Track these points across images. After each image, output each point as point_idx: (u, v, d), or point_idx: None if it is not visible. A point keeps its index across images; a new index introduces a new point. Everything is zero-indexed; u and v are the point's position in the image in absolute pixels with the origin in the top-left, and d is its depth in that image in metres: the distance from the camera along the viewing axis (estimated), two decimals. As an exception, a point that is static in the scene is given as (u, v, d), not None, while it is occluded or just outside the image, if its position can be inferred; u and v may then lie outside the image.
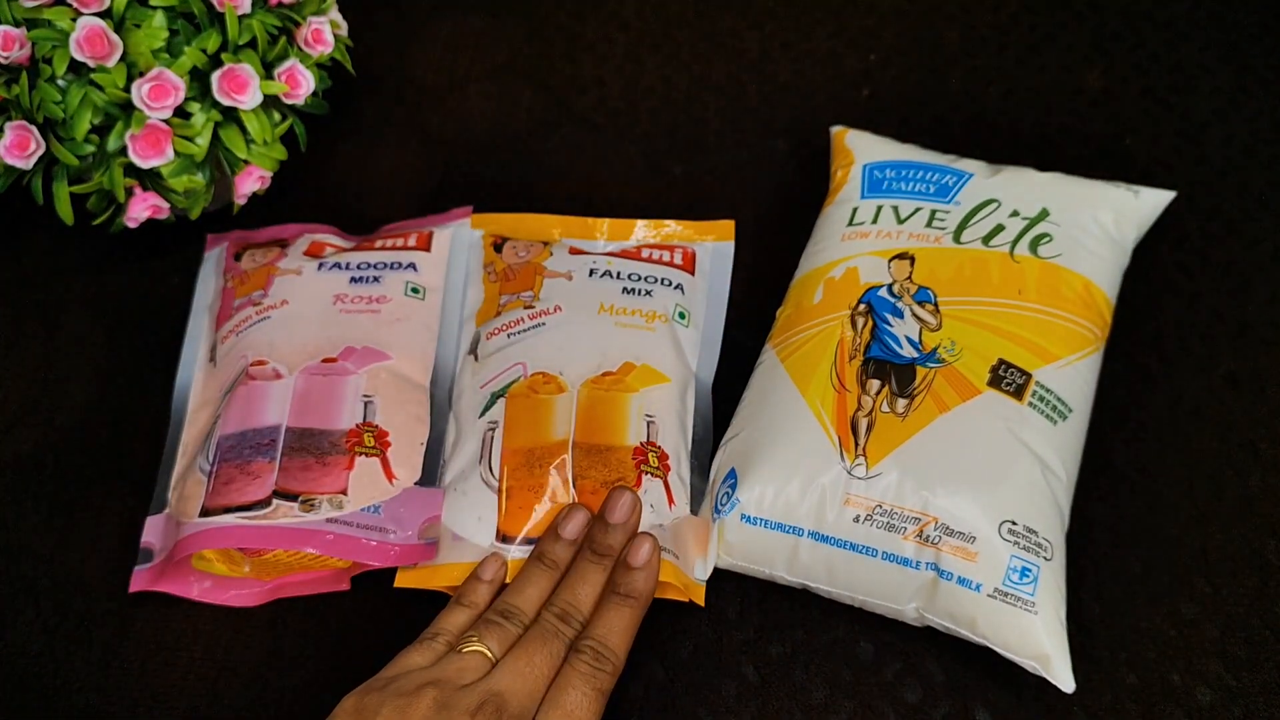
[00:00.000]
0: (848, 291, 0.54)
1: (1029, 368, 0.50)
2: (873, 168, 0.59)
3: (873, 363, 0.51)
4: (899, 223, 0.56)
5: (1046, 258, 0.54)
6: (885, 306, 0.53)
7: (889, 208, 0.57)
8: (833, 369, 0.51)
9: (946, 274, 0.53)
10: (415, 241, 0.61)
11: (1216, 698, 0.49)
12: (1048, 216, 0.55)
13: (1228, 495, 0.54)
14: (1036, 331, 0.51)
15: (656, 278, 0.58)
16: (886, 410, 0.49)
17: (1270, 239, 0.62)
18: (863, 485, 0.48)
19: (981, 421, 0.49)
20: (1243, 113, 0.67)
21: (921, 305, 0.52)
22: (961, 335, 0.51)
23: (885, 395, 0.50)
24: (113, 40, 0.54)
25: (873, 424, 0.49)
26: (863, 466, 0.48)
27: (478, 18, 0.73)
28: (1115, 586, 0.52)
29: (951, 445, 0.48)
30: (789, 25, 0.72)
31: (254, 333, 0.56)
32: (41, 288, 0.63)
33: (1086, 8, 0.72)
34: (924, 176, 0.58)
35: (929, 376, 0.50)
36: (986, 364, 0.50)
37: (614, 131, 0.68)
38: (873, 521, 0.47)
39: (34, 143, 0.54)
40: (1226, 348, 0.58)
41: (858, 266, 0.55)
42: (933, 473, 0.48)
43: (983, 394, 0.49)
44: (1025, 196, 0.56)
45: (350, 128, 0.69)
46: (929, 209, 0.56)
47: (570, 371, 0.54)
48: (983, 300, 0.52)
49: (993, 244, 0.54)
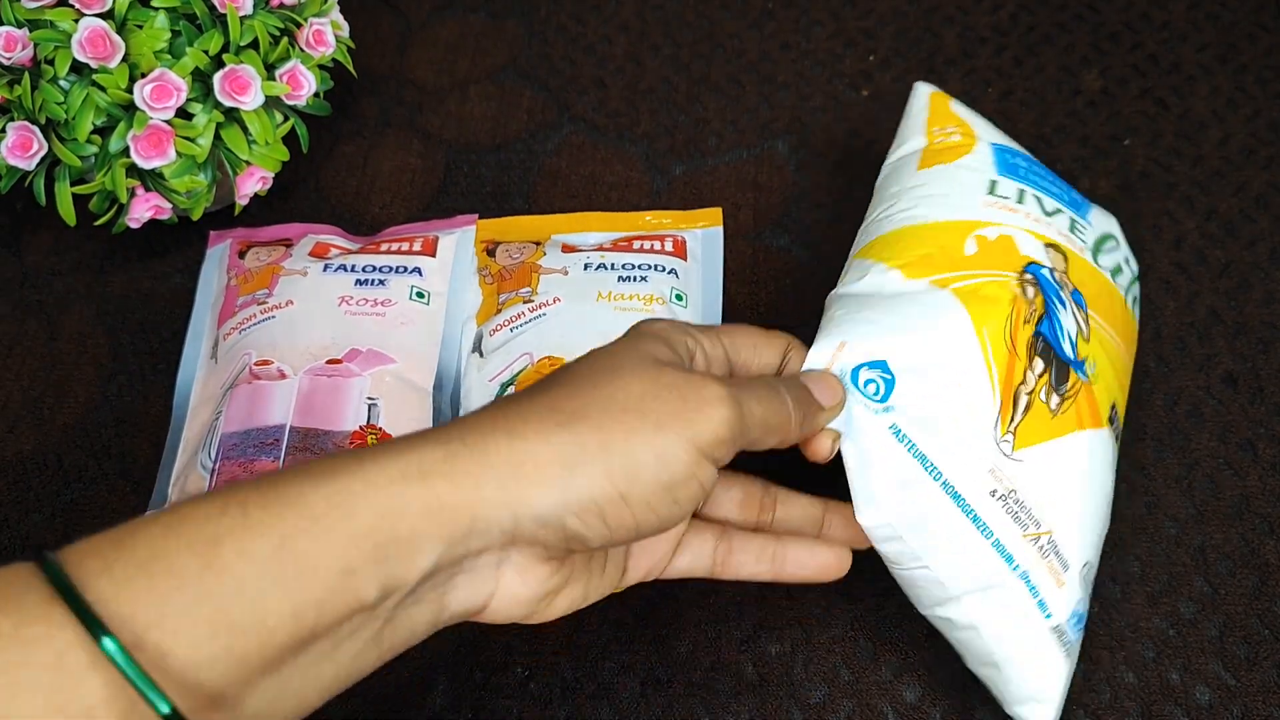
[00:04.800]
0: (1007, 256, 0.48)
1: (1122, 416, 0.49)
2: (1003, 150, 0.54)
3: (1041, 340, 0.46)
4: (1046, 215, 0.51)
5: (1137, 318, 0.52)
6: (1051, 289, 0.48)
7: (1032, 196, 0.52)
8: (1008, 323, 0.46)
9: (1092, 288, 0.50)
10: (420, 246, 0.61)
11: (1215, 697, 0.49)
12: (1138, 282, 0.53)
13: (1226, 495, 0.54)
14: (1126, 390, 0.50)
15: (650, 265, 0.59)
16: (1044, 399, 0.46)
17: (1268, 239, 0.62)
18: (1009, 463, 0.44)
19: (1100, 454, 0.47)
20: (1241, 113, 0.67)
21: (1077, 307, 0.48)
22: (1100, 359, 0.48)
23: (1045, 381, 0.46)
24: (115, 41, 0.54)
25: (1030, 405, 0.45)
26: (1010, 443, 0.45)
27: (478, 19, 0.74)
28: (1114, 586, 0.52)
29: (1078, 464, 0.45)
30: (789, 25, 0.72)
31: (258, 331, 0.56)
32: (43, 288, 0.63)
33: (1085, 9, 0.72)
34: (1055, 181, 0.54)
35: (1078, 386, 0.47)
36: (1109, 400, 0.48)
37: (614, 132, 0.68)
38: (1005, 504, 0.44)
39: (36, 143, 0.55)
40: (1225, 348, 0.58)
41: (1013, 237, 0.49)
42: (1061, 483, 0.45)
43: (1103, 429, 0.47)
44: (1127, 250, 0.54)
45: (351, 128, 0.69)
46: (1069, 216, 0.52)
47: (575, 354, 0.54)
48: (1114, 333, 0.49)
49: (1117, 282, 0.51)
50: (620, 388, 0.37)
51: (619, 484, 0.36)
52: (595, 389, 0.37)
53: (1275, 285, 0.60)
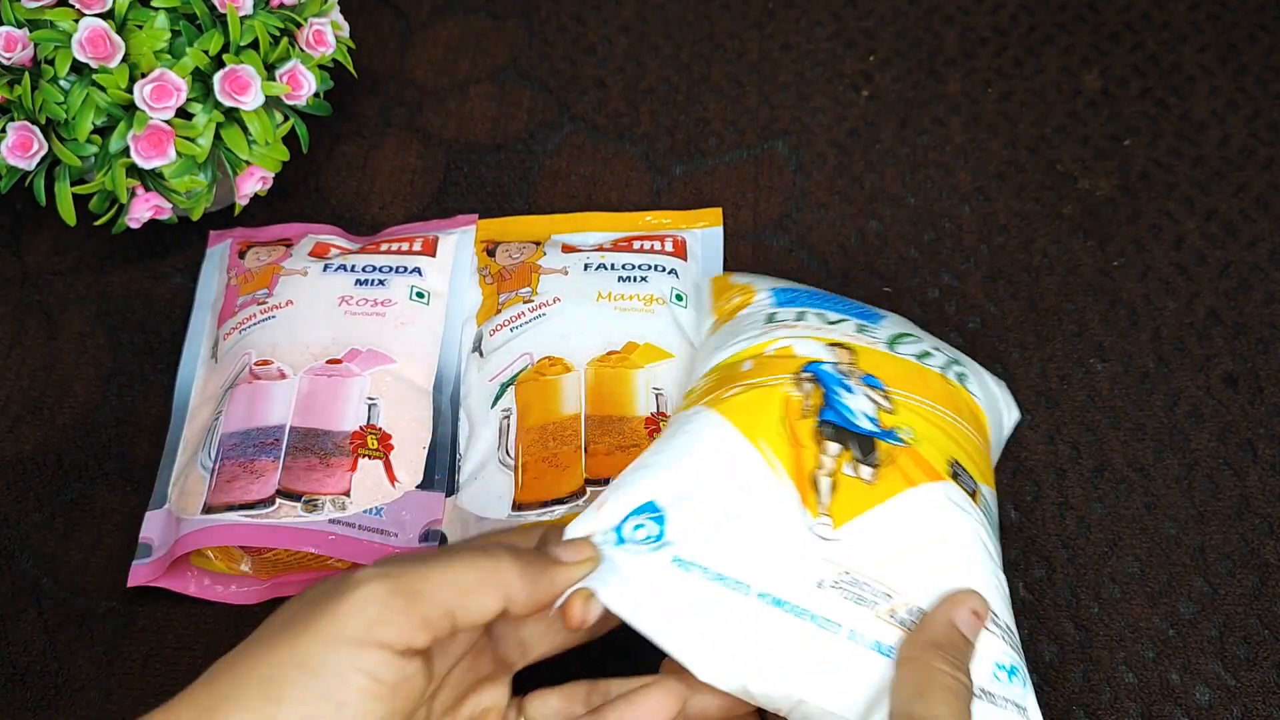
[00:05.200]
0: (783, 364, 0.47)
1: (976, 480, 0.45)
2: (781, 290, 0.53)
3: (829, 425, 0.44)
4: (829, 324, 0.50)
5: (971, 394, 0.49)
6: (833, 380, 0.46)
7: (813, 314, 0.51)
8: (783, 421, 0.44)
9: (890, 370, 0.48)
10: (420, 246, 0.61)
11: (1215, 697, 0.49)
12: (961, 366, 0.51)
13: (1226, 495, 0.54)
14: (975, 453, 0.47)
15: (650, 265, 0.59)
16: (850, 474, 0.43)
17: (1268, 240, 0.62)
18: (829, 547, 0.41)
19: (949, 508, 0.43)
20: (1241, 114, 0.67)
21: (871, 389, 0.46)
22: (917, 425, 0.45)
23: (848, 458, 0.43)
24: (115, 41, 0.54)
25: (836, 485, 0.42)
26: (828, 526, 0.41)
27: (479, 19, 0.74)
28: (1114, 586, 0.52)
29: (923, 522, 0.42)
30: (789, 25, 0.72)
31: (257, 331, 0.56)
32: (44, 287, 0.63)
33: (1085, 9, 0.72)
34: (843, 302, 0.53)
35: (892, 453, 0.44)
36: (945, 457, 0.45)
37: (614, 132, 0.68)
38: (840, 590, 0.40)
39: (36, 143, 0.55)
40: (1224, 348, 0.58)
41: (792, 345, 0.48)
42: (906, 547, 0.41)
43: (945, 481, 0.44)
44: (935, 341, 0.52)
45: (352, 129, 0.69)
46: (856, 322, 0.51)
47: (576, 355, 0.55)
48: (932, 404, 0.47)
49: (927, 364, 0.49)
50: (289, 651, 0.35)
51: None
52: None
53: (1275, 285, 0.60)
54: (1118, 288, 0.61)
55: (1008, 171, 0.65)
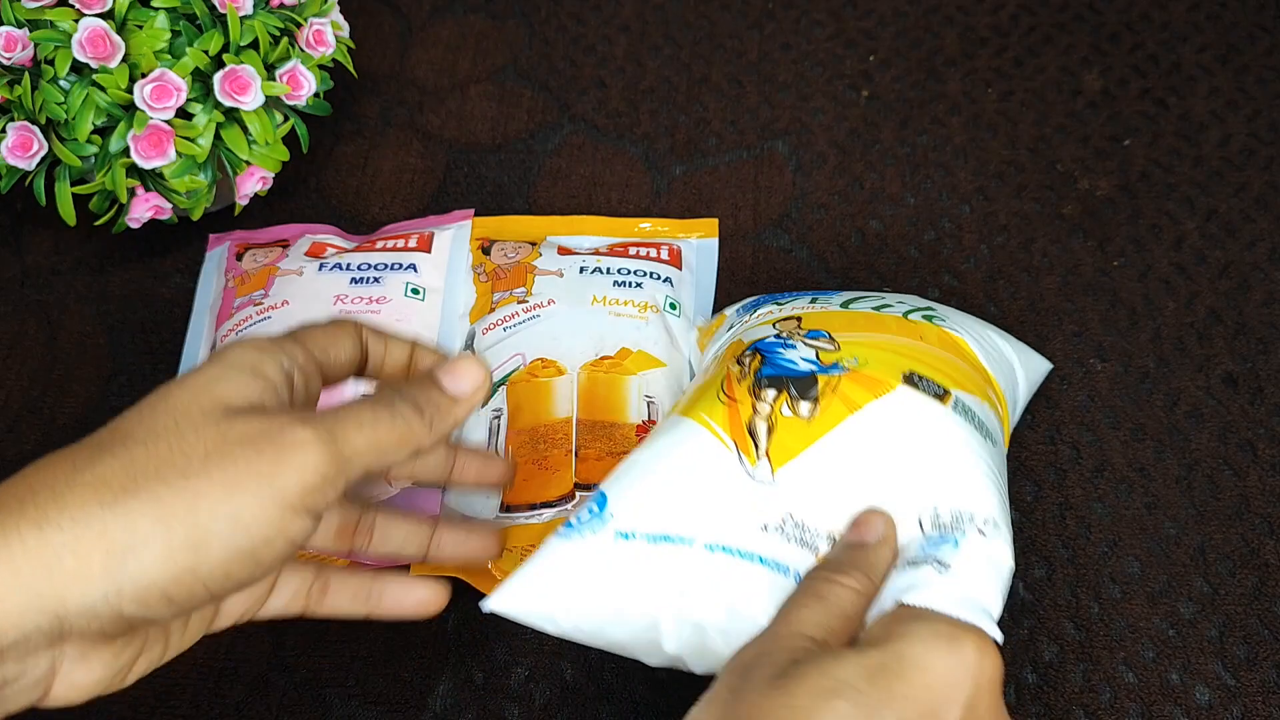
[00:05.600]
0: (731, 351, 0.49)
1: (945, 385, 0.45)
2: (747, 304, 0.55)
3: (766, 379, 0.45)
4: (779, 305, 0.52)
5: (950, 331, 0.50)
6: (771, 345, 0.47)
7: (770, 304, 0.52)
8: (720, 389, 0.45)
9: (840, 322, 0.48)
10: (416, 243, 0.61)
11: (1215, 697, 0.49)
12: (932, 310, 0.51)
13: (1226, 495, 0.54)
14: (947, 365, 0.46)
15: (645, 272, 0.59)
16: (788, 414, 0.43)
17: (1268, 240, 0.62)
18: (771, 490, 0.42)
19: (899, 417, 0.43)
20: (1241, 113, 0.67)
21: (815, 340, 0.47)
22: (862, 352, 0.46)
23: (784, 399, 0.44)
24: (115, 41, 0.54)
25: (773, 427, 0.43)
26: (766, 470, 0.42)
27: (478, 19, 0.74)
28: (1114, 586, 0.52)
29: (872, 437, 0.43)
30: (789, 25, 0.72)
31: (254, 332, 0.56)
32: (44, 287, 0.63)
33: (1085, 9, 0.72)
34: (808, 293, 0.54)
35: (833, 382, 0.44)
36: (895, 371, 0.45)
37: (614, 132, 0.68)
38: (782, 533, 0.41)
39: (36, 143, 0.55)
40: (1225, 348, 0.58)
41: (741, 336, 0.50)
42: (857, 469, 0.42)
43: (897, 389, 0.44)
44: (897, 296, 0.52)
45: (352, 129, 0.69)
46: (809, 297, 0.52)
47: (568, 358, 0.55)
48: (883, 336, 0.47)
49: (884, 311, 0.50)
50: (180, 450, 0.33)
51: (183, 560, 0.32)
52: (150, 453, 0.33)
53: (1275, 286, 0.60)
54: (1118, 288, 0.61)
55: (1008, 171, 0.65)
